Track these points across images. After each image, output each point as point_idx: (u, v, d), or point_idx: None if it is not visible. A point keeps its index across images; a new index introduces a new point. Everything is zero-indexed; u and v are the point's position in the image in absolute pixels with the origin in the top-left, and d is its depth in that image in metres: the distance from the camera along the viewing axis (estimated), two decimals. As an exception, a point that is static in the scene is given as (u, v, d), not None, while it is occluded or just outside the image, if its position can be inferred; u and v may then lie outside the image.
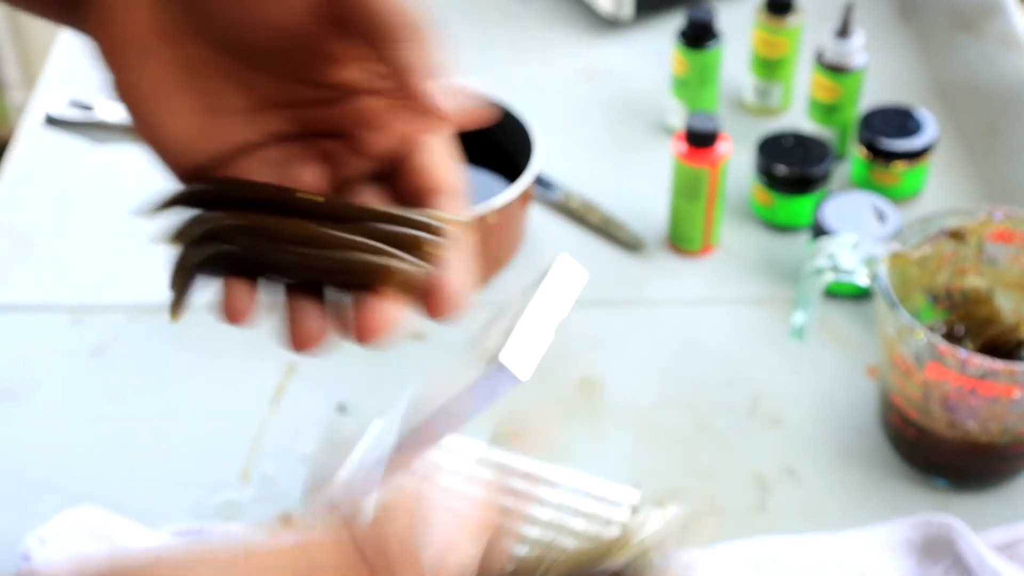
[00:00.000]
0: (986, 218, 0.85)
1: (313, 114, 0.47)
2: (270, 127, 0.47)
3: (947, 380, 0.78)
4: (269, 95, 0.47)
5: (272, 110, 0.47)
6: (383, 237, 0.46)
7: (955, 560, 0.78)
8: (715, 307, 0.99)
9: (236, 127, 0.47)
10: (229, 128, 0.47)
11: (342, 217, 0.46)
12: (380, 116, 0.47)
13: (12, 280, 1.01)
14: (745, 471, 0.86)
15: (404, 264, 0.45)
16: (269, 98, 0.47)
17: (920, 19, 1.27)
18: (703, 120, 0.96)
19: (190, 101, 0.46)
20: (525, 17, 1.29)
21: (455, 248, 0.46)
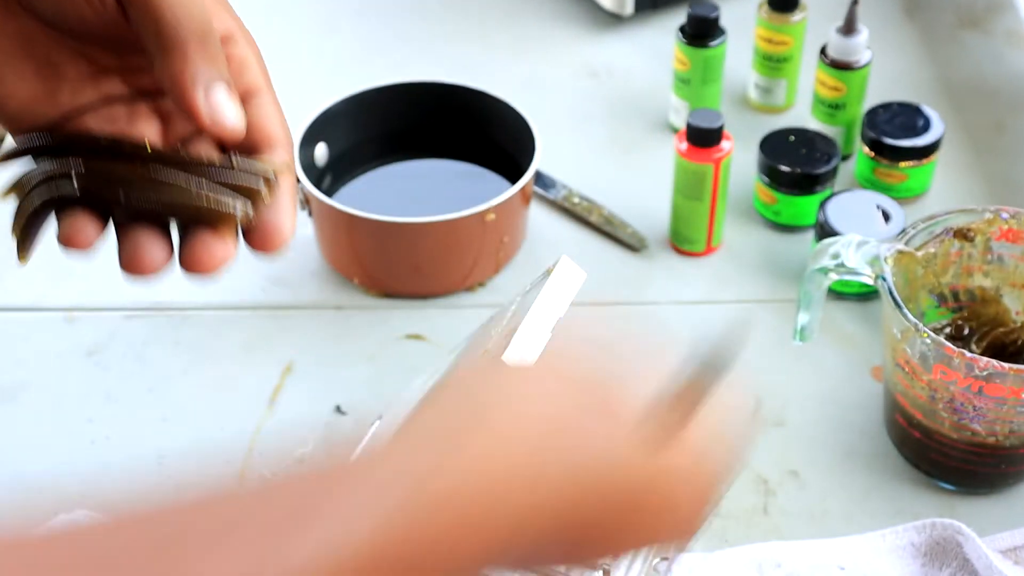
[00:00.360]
0: (993, 217, 0.84)
1: (147, 77, 0.52)
2: (107, 90, 0.52)
3: (953, 381, 0.77)
4: (103, 62, 0.52)
5: (107, 74, 0.52)
6: (212, 180, 0.50)
7: (961, 564, 0.77)
8: (718, 307, 0.98)
9: (73, 90, 0.51)
10: (66, 91, 0.51)
11: (173, 163, 0.50)
12: None
13: (6, 280, 1.00)
14: (748, 473, 0.85)
15: (232, 202, 0.49)
16: (103, 65, 0.52)
17: (925, 16, 1.26)
18: (705, 118, 0.95)
19: (27, 68, 0.50)
20: (526, 14, 1.28)
21: (278, 190, 0.50)
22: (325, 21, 1.28)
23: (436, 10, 1.29)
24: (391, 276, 0.97)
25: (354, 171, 1.04)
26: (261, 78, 0.52)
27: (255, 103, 0.52)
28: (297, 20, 1.28)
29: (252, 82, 0.52)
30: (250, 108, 0.51)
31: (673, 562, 0.78)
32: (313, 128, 1.00)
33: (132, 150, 0.50)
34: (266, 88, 0.53)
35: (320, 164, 1.02)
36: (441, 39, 1.25)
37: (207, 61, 0.47)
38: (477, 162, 1.05)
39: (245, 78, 0.52)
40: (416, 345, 0.94)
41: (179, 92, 0.47)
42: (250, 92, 0.52)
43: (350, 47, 1.24)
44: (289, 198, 0.51)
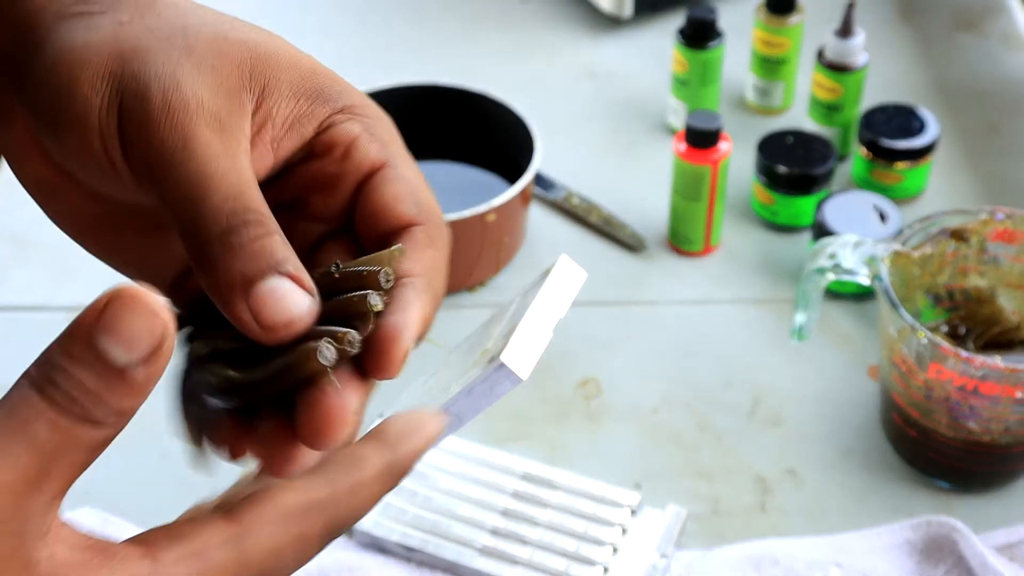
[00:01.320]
0: (988, 218, 0.84)
1: None
2: None
3: (949, 380, 0.78)
4: None
5: None
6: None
7: (956, 561, 0.78)
8: (716, 307, 0.98)
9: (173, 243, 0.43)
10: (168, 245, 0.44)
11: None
12: (324, 177, 0.43)
13: (10, 280, 1.01)
14: (746, 472, 0.86)
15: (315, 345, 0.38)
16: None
17: (921, 18, 1.27)
18: (704, 119, 0.96)
19: (114, 231, 0.44)
20: (525, 16, 1.28)
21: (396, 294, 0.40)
22: (325, 24, 1.28)
23: (436, 12, 1.30)
24: (392, 276, 0.98)
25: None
26: (374, 151, 0.42)
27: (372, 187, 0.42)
28: (297, 22, 1.28)
29: (362, 164, 0.42)
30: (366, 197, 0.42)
31: (671, 560, 0.79)
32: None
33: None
34: (388, 162, 0.42)
35: (321, 165, 1.02)
36: (441, 41, 1.26)
37: (241, 256, 0.38)
38: (477, 163, 1.05)
39: (352, 161, 0.42)
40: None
41: (219, 304, 0.38)
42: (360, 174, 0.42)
43: (350, 50, 1.24)
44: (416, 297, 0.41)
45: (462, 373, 0.72)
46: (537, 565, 0.78)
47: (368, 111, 0.43)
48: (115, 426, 0.35)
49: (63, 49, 0.40)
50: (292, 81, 0.41)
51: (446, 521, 0.80)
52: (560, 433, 0.89)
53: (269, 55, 0.41)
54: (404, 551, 0.80)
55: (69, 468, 0.34)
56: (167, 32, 0.40)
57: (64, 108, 0.39)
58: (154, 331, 0.35)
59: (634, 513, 0.81)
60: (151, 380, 0.35)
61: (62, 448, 0.34)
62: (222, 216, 0.38)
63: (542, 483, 0.83)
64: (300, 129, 0.41)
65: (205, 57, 0.40)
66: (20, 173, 0.43)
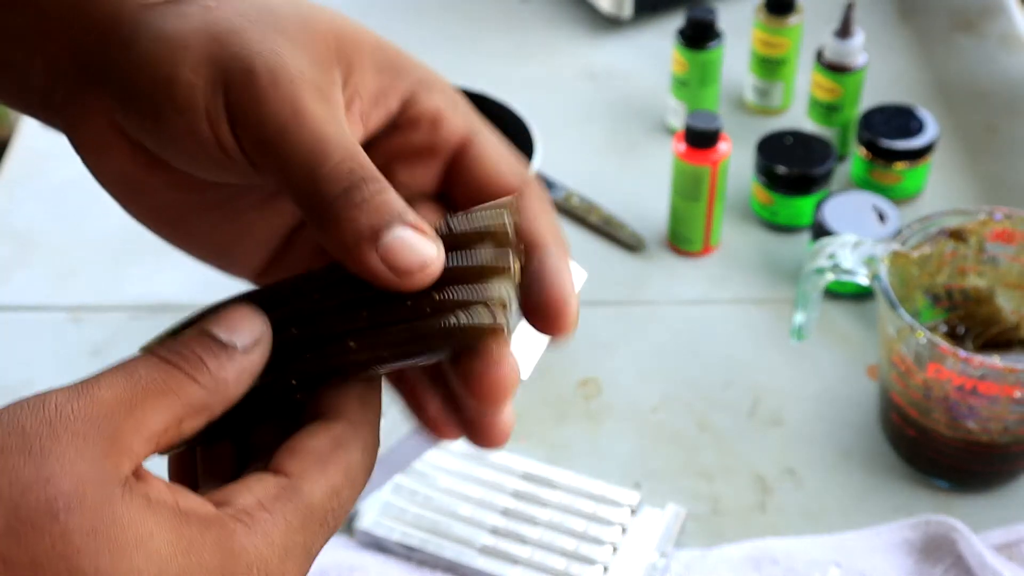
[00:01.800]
0: (987, 218, 0.85)
1: None
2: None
3: (948, 380, 0.78)
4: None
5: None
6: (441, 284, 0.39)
7: (955, 560, 0.78)
8: (715, 307, 0.99)
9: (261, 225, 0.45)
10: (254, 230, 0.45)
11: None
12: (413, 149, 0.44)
13: (12, 280, 1.01)
14: (745, 471, 0.86)
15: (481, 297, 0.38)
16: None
17: (920, 19, 1.27)
18: (703, 120, 0.96)
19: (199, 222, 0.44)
20: (525, 16, 1.29)
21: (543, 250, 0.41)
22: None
23: (436, 13, 1.30)
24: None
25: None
26: (460, 123, 0.43)
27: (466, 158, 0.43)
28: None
29: (450, 136, 0.43)
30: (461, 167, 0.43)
31: (671, 559, 0.79)
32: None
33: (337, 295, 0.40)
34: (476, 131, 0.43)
35: (322, 166, 1.02)
36: (441, 41, 1.26)
37: (366, 211, 0.38)
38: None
39: (440, 134, 0.43)
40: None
41: (346, 258, 0.39)
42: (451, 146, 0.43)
43: (351, 49, 1.24)
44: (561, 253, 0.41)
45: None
46: (537, 564, 0.78)
47: (444, 86, 0.44)
48: (213, 392, 0.38)
49: (157, 39, 0.40)
50: (374, 58, 0.42)
51: (446, 520, 0.81)
52: (560, 433, 0.89)
53: (352, 34, 0.43)
54: (404, 550, 0.80)
55: (164, 410, 0.37)
56: (255, 14, 0.41)
57: (168, 96, 0.40)
58: (255, 328, 0.39)
59: (634, 512, 0.81)
60: (248, 368, 0.38)
61: (158, 388, 0.37)
62: (343, 175, 0.38)
63: (542, 482, 0.83)
64: (386, 102, 0.42)
65: (296, 36, 0.41)
66: (100, 170, 0.43)
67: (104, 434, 0.35)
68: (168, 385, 0.37)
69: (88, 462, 0.35)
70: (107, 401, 0.36)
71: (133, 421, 0.36)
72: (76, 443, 0.35)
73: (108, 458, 0.35)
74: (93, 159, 0.43)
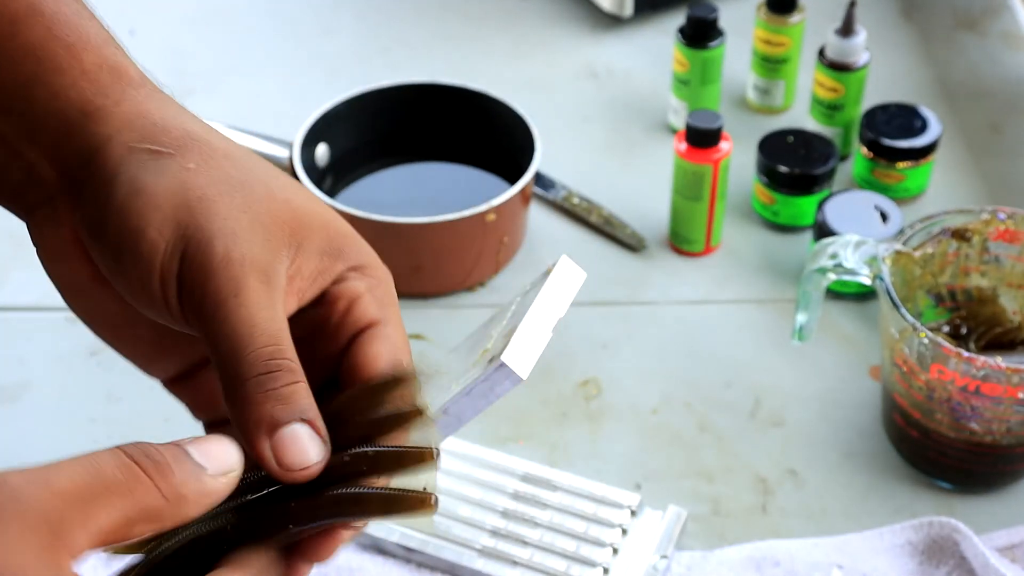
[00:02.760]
0: (990, 217, 0.84)
1: None
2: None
3: (951, 380, 0.77)
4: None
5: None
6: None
7: (958, 562, 0.78)
8: (716, 307, 0.98)
9: (184, 347, 0.49)
10: (178, 349, 0.49)
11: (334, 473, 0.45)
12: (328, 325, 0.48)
13: (8, 280, 1.00)
14: (747, 472, 0.86)
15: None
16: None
17: (923, 17, 1.27)
18: (704, 119, 0.96)
19: (132, 332, 0.49)
20: (526, 15, 1.28)
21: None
22: (326, 23, 1.28)
23: (436, 12, 1.29)
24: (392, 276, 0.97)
25: (355, 172, 1.04)
26: (372, 310, 0.48)
27: (362, 341, 0.47)
28: (298, 22, 1.28)
29: (360, 319, 0.47)
30: (355, 349, 0.47)
31: (671, 561, 0.79)
32: (314, 129, 1.00)
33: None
34: (381, 320, 0.48)
35: (321, 165, 1.02)
36: (441, 41, 1.25)
37: (272, 400, 0.43)
38: (477, 163, 1.05)
39: (352, 316, 0.47)
40: (416, 345, 0.95)
41: (242, 435, 0.43)
42: (358, 327, 0.48)
43: (351, 49, 1.24)
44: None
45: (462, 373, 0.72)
46: (537, 566, 0.78)
47: (376, 272, 0.49)
48: (171, 503, 0.39)
49: (133, 192, 0.44)
50: (321, 240, 0.47)
51: (446, 522, 0.80)
52: (560, 433, 0.88)
53: (307, 217, 0.47)
54: (404, 552, 0.80)
55: (117, 509, 0.38)
56: (227, 187, 0.45)
57: (132, 246, 0.44)
58: (229, 459, 0.41)
59: (634, 514, 0.80)
60: (210, 493, 0.40)
61: (118, 486, 0.38)
62: (261, 361, 0.43)
63: (542, 484, 0.82)
64: (320, 281, 0.47)
65: (259, 215, 0.45)
66: (54, 271, 0.48)
67: (51, 526, 0.36)
68: (128, 485, 0.38)
69: (31, 552, 0.36)
70: (62, 491, 0.37)
71: (82, 515, 0.37)
72: (23, 531, 0.36)
73: (50, 551, 0.36)
74: (50, 260, 0.48)
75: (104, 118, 0.46)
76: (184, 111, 0.48)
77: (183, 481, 0.39)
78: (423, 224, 0.93)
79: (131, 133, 0.46)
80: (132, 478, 0.38)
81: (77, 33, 0.47)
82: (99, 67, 0.47)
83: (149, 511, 0.38)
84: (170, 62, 1.21)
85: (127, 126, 0.46)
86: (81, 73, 0.46)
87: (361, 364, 0.47)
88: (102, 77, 0.46)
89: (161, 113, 0.47)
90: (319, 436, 0.43)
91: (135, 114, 0.46)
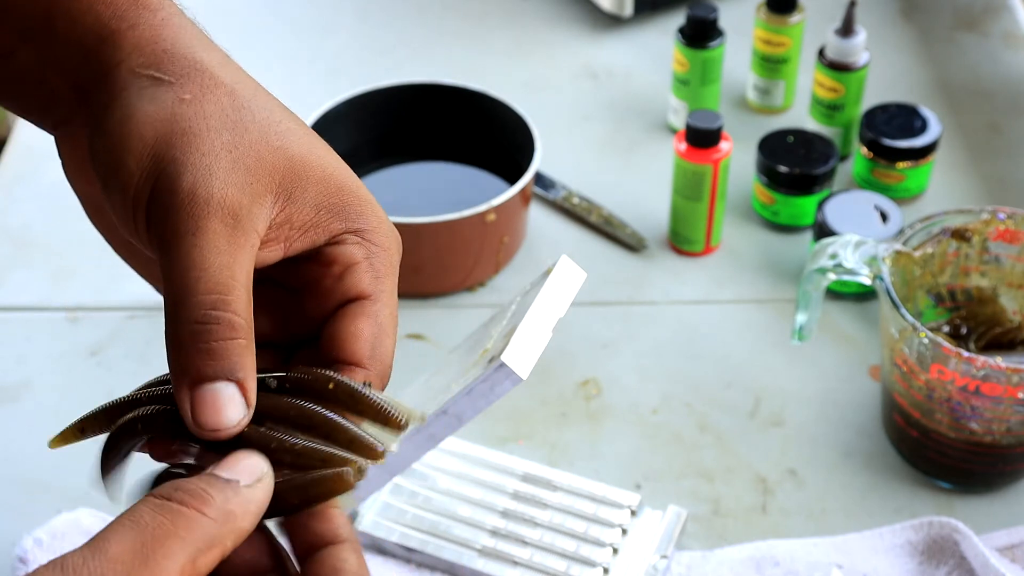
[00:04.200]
0: (990, 217, 0.84)
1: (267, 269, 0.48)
2: None
3: (951, 380, 0.77)
4: None
5: None
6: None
7: (958, 562, 0.78)
8: (716, 307, 0.98)
9: None
10: None
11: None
12: (320, 286, 0.47)
13: (9, 280, 1.00)
14: (746, 472, 0.86)
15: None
16: None
17: (923, 17, 1.27)
18: (704, 119, 0.96)
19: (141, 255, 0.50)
20: (526, 15, 1.28)
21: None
22: (326, 23, 1.28)
23: (436, 12, 1.29)
24: (392, 276, 0.98)
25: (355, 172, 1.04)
26: (366, 282, 0.47)
27: (347, 313, 0.46)
28: (298, 22, 1.28)
29: (351, 289, 0.47)
30: (339, 319, 0.46)
31: (671, 561, 0.79)
32: (314, 129, 1.00)
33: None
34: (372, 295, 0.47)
35: (321, 165, 1.02)
36: (441, 41, 1.25)
37: (203, 354, 0.42)
38: (477, 163, 1.05)
39: (345, 283, 0.46)
40: (416, 345, 0.95)
41: (172, 379, 0.43)
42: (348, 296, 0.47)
43: (351, 49, 1.24)
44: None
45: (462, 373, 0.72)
46: (537, 566, 0.78)
47: (378, 238, 0.47)
48: (222, 524, 0.39)
49: (124, 117, 0.44)
50: (318, 193, 0.46)
51: (446, 522, 0.80)
52: (560, 433, 0.88)
53: (303, 166, 0.46)
54: (404, 552, 0.80)
55: (178, 552, 0.38)
56: (218, 122, 0.45)
57: (112, 171, 0.44)
58: (257, 467, 0.42)
59: (634, 514, 0.80)
60: (253, 500, 0.41)
61: (166, 530, 0.38)
62: (202, 309, 0.42)
63: (542, 484, 0.82)
64: (313, 235, 0.46)
65: (244, 157, 0.44)
66: (76, 185, 0.49)
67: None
68: (176, 524, 0.38)
69: None
70: (119, 556, 0.37)
71: (148, 571, 0.37)
72: None
73: None
74: (72, 174, 0.49)
75: (118, 42, 0.46)
76: (201, 39, 0.47)
77: (225, 499, 0.40)
78: (423, 224, 0.93)
79: (140, 58, 0.45)
80: (177, 517, 0.38)
81: None
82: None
83: (207, 539, 0.39)
84: (170, 62, 1.21)
85: (137, 50, 0.45)
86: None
87: (342, 337, 0.46)
88: (119, 0, 0.46)
89: (173, 40, 0.46)
90: (244, 399, 0.42)
91: (146, 39, 0.46)
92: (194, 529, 0.38)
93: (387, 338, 0.47)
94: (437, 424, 0.70)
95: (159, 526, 0.38)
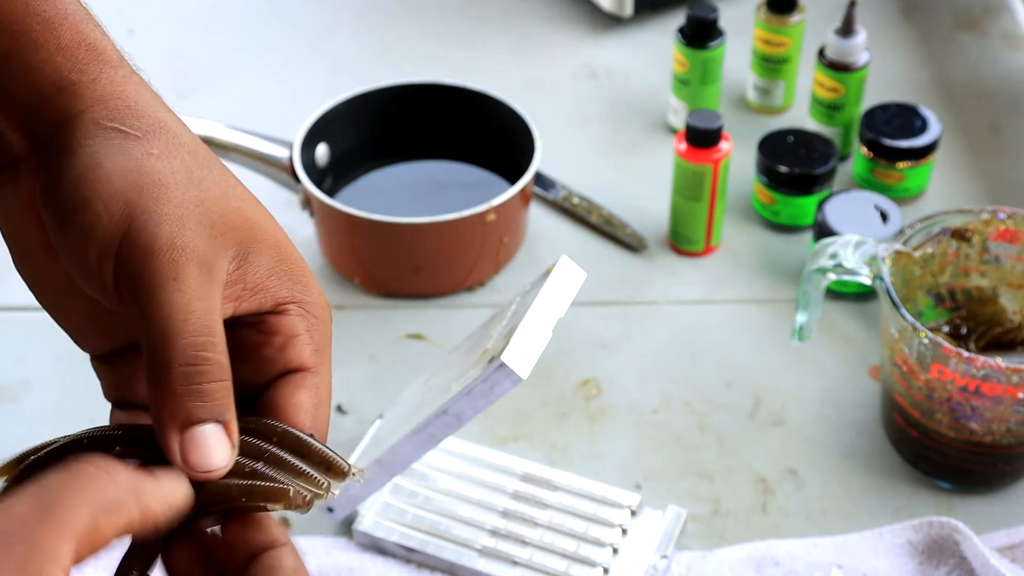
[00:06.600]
0: (990, 217, 0.84)
1: None
2: None
3: (951, 380, 0.77)
4: None
5: None
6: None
7: (958, 562, 0.78)
8: (716, 307, 0.98)
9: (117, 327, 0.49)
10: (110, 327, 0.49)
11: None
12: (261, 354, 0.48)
13: (8, 280, 1.00)
14: (746, 472, 0.86)
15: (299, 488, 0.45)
16: None
17: (923, 17, 1.27)
18: (704, 119, 0.96)
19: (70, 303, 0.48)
20: (526, 15, 1.28)
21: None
22: (326, 23, 1.28)
23: (436, 12, 1.29)
24: (392, 276, 0.98)
25: (355, 172, 1.04)
26: (307, 354, 0.48)
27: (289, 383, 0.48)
28: (299, 22, 1.28)
29: (292, 360, 0.48)
30: (280, 389, 0.48)
31: (671, 561, 0.79)
32: (314, 129, 1.00)
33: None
34: (313, 368, 0.48)
35: (321, 165, 1.02)
36: (441, 41, 1.25)
37: (193, 395, 0.43)
38: (477, 163, 1.05)
39: (286, 354, 0.48)
40: (416, 345, 0.95)
41: (155, 421, 0.43)
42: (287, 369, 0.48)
43: (351, 49, 1.24)
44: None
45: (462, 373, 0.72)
46: (537, 566, 0.78)
47: (318, 311, 0.48)
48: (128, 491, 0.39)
49: (91, 165, 0.45)
50: (270, 258, 0.47)
51: (446, 522, 0.80)
52: (560, 433, 0.88)
53: (260, 229, 0.47)
54: (404, 552, 0.80)
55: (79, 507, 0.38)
56: (184, 178, 0.46)
57: (75, 215, 0.44)
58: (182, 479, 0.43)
59: (634, 514, 0.80)
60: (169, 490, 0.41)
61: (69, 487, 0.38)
62: (191, 351, 0.43)
63: (542, 484, 0.82)
64: (260, 299, 0.47)
65: (209, 212, 0.45)
66: (8, 231, 0.48)
67: (22, 542, 0.37)
68: (81, 484, 0.38)
69: (10, 573, 0.36)
70: (20, 513, 0.37)
71: (49, 524, 0.37)
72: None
73: (30, 566, 0.36)
74: (5, 220, 0.48)
75: (78, 93, 0.46)
76: (158, 99, 0.48)
77: (136, 476, 0.40)
78: (423, 224, 0.93)
79: (103, 111, 0.46)
80: (80, 476, 0.38)
81: (55, 8, 0.47)
82: (76, 43, 0.47)
83: (110, 501, 0.39)
84: (170, 62, 1.21)
85: (100, 103, 0.46)
86: (57, 48, 0.46)
87: (283, 407, 0.47)
88: (79, 54, 0.47)
89: (136, 97, 0.47)
90: (229, 440, 0.43)
91: (110, 94, 0.47)
92: (97, 490, 0.38)
93: (325, 409, 0.49)
94: (437, 424, 0.70)
95: (64, 485, 0.38)
